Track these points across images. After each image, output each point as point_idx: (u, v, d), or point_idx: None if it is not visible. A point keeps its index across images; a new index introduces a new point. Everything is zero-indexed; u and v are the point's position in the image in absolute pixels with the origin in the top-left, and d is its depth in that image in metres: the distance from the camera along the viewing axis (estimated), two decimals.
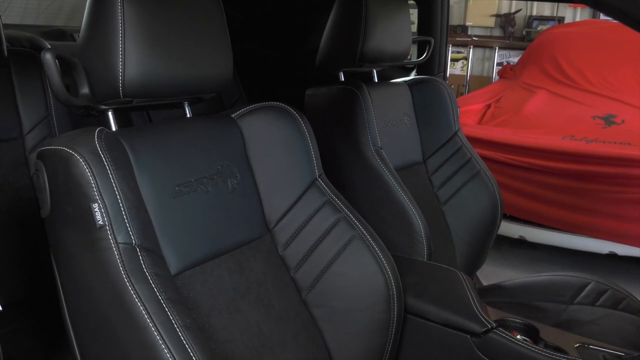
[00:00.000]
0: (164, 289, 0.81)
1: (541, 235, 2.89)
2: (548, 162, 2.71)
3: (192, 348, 0.77)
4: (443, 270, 1.38)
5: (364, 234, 1.12)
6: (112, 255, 0.79)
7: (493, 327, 1.15)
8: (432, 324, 1.21)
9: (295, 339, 1.06)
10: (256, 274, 1.05)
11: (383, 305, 1.10)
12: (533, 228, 2.91)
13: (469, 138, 1.83)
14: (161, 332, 0.76)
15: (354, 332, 1.10)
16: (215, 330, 0.94)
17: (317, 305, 1.11)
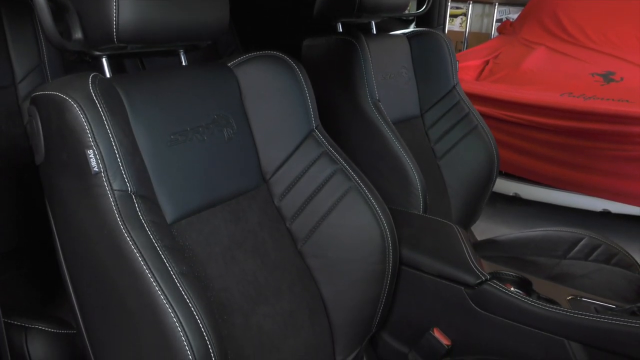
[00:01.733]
0: (160, 236, 0.81)
1: (536, 192, 2.90)
2: (545, 119, 2.70)
3: (188, 294, 0.78)
4: (438, 223, 1.38)
5: (360, 185, 1.11)
6: (108, 202, 0.79)
7: (487, 279, 1.16)
8: (426, 276, 1.22)
9: (291, 288, 1.07)
10: (252, 224, 1.05)
11: (378, 256, 1.11)
12: (528, 185, 2.91)
13: (467, 94, 1.81)
14: (157, 279, 0.76)
15: (349, 282, 1.11)
16: (211, 279, 0.94)
17: (312, 256, 1.12)
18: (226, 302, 0.95)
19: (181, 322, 0.75)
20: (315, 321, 1.10)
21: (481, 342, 1.18)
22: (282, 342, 1.02)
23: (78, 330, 0.89)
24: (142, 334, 0.79)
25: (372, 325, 1.16)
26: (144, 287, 0.76)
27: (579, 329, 1.07)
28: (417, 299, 1.25)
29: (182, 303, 0.77)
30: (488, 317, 1.15)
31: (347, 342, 1.14)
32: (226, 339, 0.91)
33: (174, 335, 0.75)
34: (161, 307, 0.76)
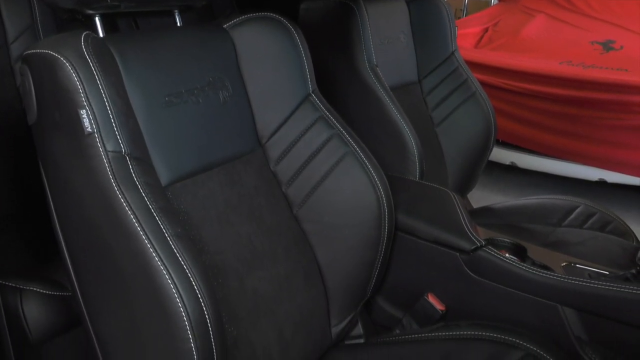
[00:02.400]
0: (154, 198, 0.80)
1: (533, 161, 2.90)
2: (544, 87, 2.68)
3: (183, 256, 0.77)
4: (435, 189, 1.38)
5: (356, 151, 1.11)
6: (101, 163, 0.78)
7: (482, 245, 1.16)
8: (422, 242, 1.22)
9: (286, 252, 1.07)
10: (247, 188, 1.05)
11: (374, 221, 1.10)
12: (525, 154, 2.91)
13: (465, 62, 1.79)
14: (151, 240, 0.76)
15: (344, 247, 1.11)
16: (206, 242, 0.94)
17: (308, 221, 1.12)
18: (221, 265, 0.95)
19: (175, 283, 0.75)
20: (311, 285, 1.10)
21: (475, 307, 1.19)
22: (277, 306, 1.02)
23: (73, 292, 0.89)
24: (137, 296, 0.79)
25: (367, 290, 1.17)
26: (137, 248, 0.76)
27: (572, 295, 1.07)
28: (412, 264, 1.26)
29: (176, 265, 0.76)
30: (482, 283, 1.16)
31: (342, 306, 1.15)
32: (221, 301, 0.91)
33: (168, 297, 0.75)
34: (155, 268, 0.75)
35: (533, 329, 1.11)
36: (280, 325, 1.02)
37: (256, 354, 0.97)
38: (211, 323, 0.78)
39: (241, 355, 0.94)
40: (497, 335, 1.08)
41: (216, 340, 0.79)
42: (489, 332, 1.09)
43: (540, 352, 1.04)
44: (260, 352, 0.98)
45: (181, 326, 0.75)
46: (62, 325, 1.09)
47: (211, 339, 0.78)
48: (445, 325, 1.16)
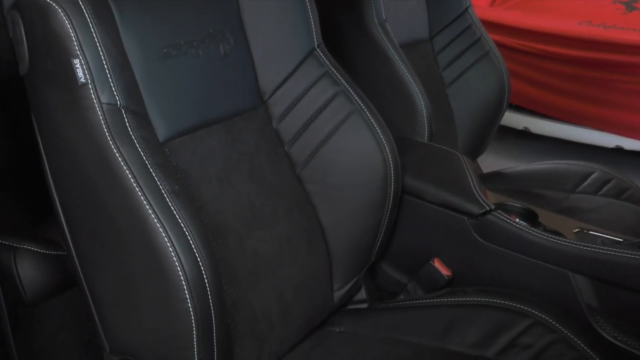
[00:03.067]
0: (150, 153, 0.79)
1: (547, 126, 2.88)
2: (561, 48, 2.64)
3: (180, 214, 0.77)
4: (443, 151, 1.37)
5: (363, 109, 1.10)
6: (96, 116, 0.77)
7: (491, 209, 1.16)
8: (428, 205, 1.22)
9: (288, 213, 1.07)
10: (249, 146, 1.04)
11: (380, 183, 1.10)
12: (539, 119, 2.89)
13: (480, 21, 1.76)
14: (148, 197, 0.76)
15: (349, 209, 1.11)
16: (204, 201, 0.94)
17: (311, 181, 1.11)
18: (220, 225, 0.95)
19: (172, 242, 0.75)
20: (313, 248, 1.10)
21: (482, 273, 1.19)
22: (277, 268, 1.03)
23: (67, 251, 0.89)
24: (132, 254, 0.79)
25: (371, 254, 1.17)
26: (133, 205, 0.76)
27: (584, 262, 1.07)
28: (418, 228, 1.26)
29: (173, 222, 0.76)
30: (491, 248, 1.16)
31: (345, 270, 1.15)
32: (220, 262, 0.92)
33: (165, 256, 0.75)
34: (152, 226, 0.75)
35: (542, 296, 1.12)
36: (280, 288, 1.03)
37: (256, 316, 0.97)
38: (209, 283, 0.78)
39: (240, 317, 0.95)
40: (504, 302, 1.09)
41: (214, 301, 0.80)
42: (496, 298, 1.10)
43: (550, 320, 1.05)
44: (260, 315, 0.98)
45: (178, 286, 0.76)
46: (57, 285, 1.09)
47: (209, 299, 0.79)
48: (451, 291, 1.17)
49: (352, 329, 1.14)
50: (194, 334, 0.78)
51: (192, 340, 0.79)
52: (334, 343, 1.11)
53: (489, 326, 1.06)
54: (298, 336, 1.09)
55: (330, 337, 1.13)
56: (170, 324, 0.79)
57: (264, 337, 0.99)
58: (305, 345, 1.11)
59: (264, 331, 0.99)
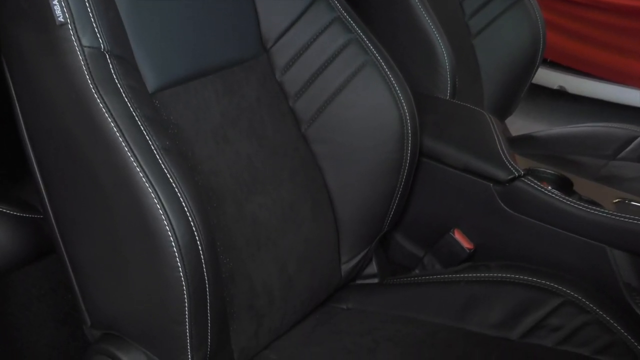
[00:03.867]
0: (138, 104, 0.79)
1: (586, 86, 2.86)
2: None
3: (172, 173, 0.77)
4: (468, 110, 1.37)
5: (378, 60, 1.09)
6: (77, 60, 0.77)
7: (520, 175, 1.16)
8: (450, 169, 1.22)
9: (292, 176, 1.07)
10: (249, 100, 1.04)
11: (395, 144, 1.10)
12: (576, 77, 2.87)
13: None
14: (135, 152, 0.76)
15: (360, 173, 1.11)
16: (199, 161, 0.94)
17: (318, 141, 1.12)
18: (216, 187, 0.95)
19: (163, 203, 0.75)
20: (319, 215, 1.11)
21: (508, 246, 1.19)
22: (279, 236, 1.03)
23: (44, 213, 0.90)
24: (118, 217, 0.79)
25: (383, 223, 1.18)
26: (119, 162, 0.76)
27: (624, 235, 1.07)
28: (437, 195, 1.26)
29: (164, 182, 0.76)
30: (518, 219, 1.16)
31: (355, 241, 1.16)
32: (215, 228, 0.92)
33: (155, 219, 0.76)
34: (139, 185, 0.76)
35: (575, 273, 1.12)
36: (282, 259, 1.03)
37: (254, 289, 0.98)
38: (203, 250, 0.79)
39: (237, 290, 0.96)
40: (532, 279, 1.09)
41: (209, 270, 0.80)
42: (522, 275, 1.10)
43: (583, 299, 1.06)
44: (259, 288, 0.99)
45: (169, 252, 0.76)
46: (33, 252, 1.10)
47: (203, 268, 0.79)
48: (472, 265, 1.17)
49: (360, 305, 1.16)
50: (186, 307, 0.79)
51: (184, 313, 0.80)
52: (341, 321, 1.12)
53: (514, 305, 1.07)
54: (301, 312, 1.10)
55: (337, 314, 1.14)
56: (160, 295, 0.80)
57: (263, 312, 1.00)
58: (308, 322, 1.12)
59: (263, 306, 1.00)
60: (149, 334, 0.86)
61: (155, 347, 0.86)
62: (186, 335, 0.81)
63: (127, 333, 0.88)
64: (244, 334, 0.98)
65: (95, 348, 0.90)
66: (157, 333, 0.85)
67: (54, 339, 1.20)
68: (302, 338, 1.09)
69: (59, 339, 1.21)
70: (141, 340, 0.87)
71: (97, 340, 0.91)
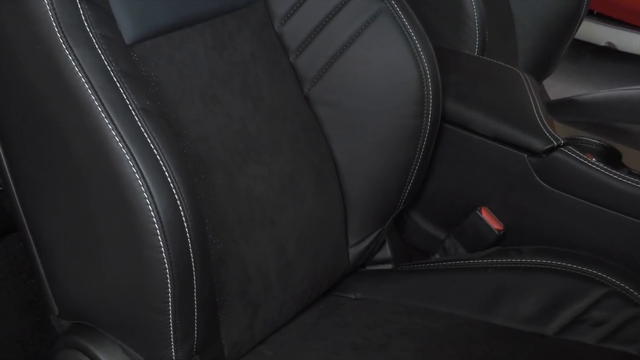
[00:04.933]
0: (114, 57, 0.79)
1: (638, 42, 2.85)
2: None
3: (153, 138, 0.77)
4: (499, 68, 1.37)
5: (394, 8, 1.09)
6: (41, 5, 0.76)
7: (560, 145, 1.16)
8: (477, 137, 1.23)
9: (292, 144, 1.08)
10: (242, 55, 1.04)
11: (413, 107, 1.10)
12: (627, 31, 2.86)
13: None
14: (110, 113, 0.76)
15: (371, 140, 1.12)
16: (184, 125, 0.94)
17: (323, 103, 1.12)
18: (204, 155, 0.96)
19: (142, 172, 0.76)
20: (323, 190, 1.11)
21: (545, 228, 1.20)
22: (277, 213, 1.04)
23: (5, 185, 0.90)
24: (90, 188, 0.80)
25: (399, 200, 1.18)
26: (92, 124, 0.76)
27: None
28: (461, 168, 1.27)
29: (143, 147, 0.77)
30: (557, 196, 1.17)
31: (365, 220, 1.17)
32: (203, 203, 0.93)
33: (133, 190, 0.76)
34: (115, 151, 0.76)
35: (622, 259, 1.13)
36: (280, 240, 1.04)
37: (248, 274, 0.99)
38: (189, 228, 0.79)
39: (228, 275, 0.96)
40: (572, 266, 1.10)
41: (195, 251, 0.81)
42: (560, 260, 1.11)
43: (630, 289, 1.06)
44: (254, 273, 1.00)
45: (149, 229, 0.77)
46: None
47: (189, 249, 0.80)
48: (501, 250, 1.18)
49: (371, 295, 1.17)
50: (169, 293, 0.80)
51: (167, 300, 0.80)
52: (348, 312, 1.13)
53: (550, 295, 1.08)
54: (302, 302, 1.11)
55: (343, 304, 1.16)
56: (139, 280, 0.81)
57: (259, 301, 1.01)
58: (310, 313, 1.13)
59: (259, 294, 1.01)
60: (126, 325, 0.87)
61: (133, 339, 0.87)
62: (169, 326, 0.82)
63: (101, 323, 0.89)
64: (236, 326, 0.99)
65: (63, 340, 0.91)
66: (136, 323, 0.85)
67: (16, 330, 1.22)
68: (302, 332, 1.10)
69: (21, 330, 1.22)
70: (117, 332, 0.88)
71: (66, 331, 0.92)
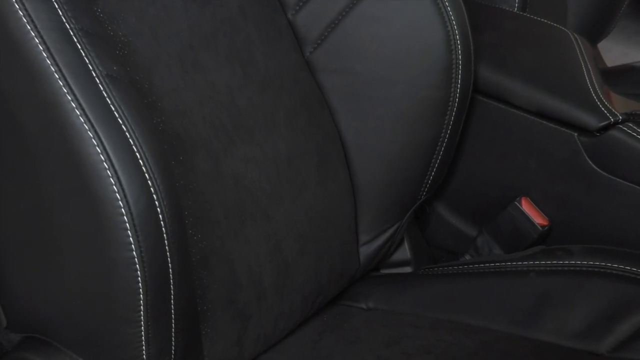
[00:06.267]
0: (73, 14, 0.80)
1: None
2: None
3: (120, 110, 0.77)
4: (544, 27, 1.37)
5: None
6: None
7: (618, 122, 1.16)
8: (516, 112, 1.23)
9: (290, 120, 1.08)
10: (229, 9, 1.05)
11: (439, 75, 1.11)
12: None
13: None
14: (68, 81, 0.76)
15: (387, 116, 1.12)
16: (159, 95, 0.94)
17: (329, 70, 1.13)
18: (184, 133, 0.96)
19: (108, 153, 0.76)
20: (328, 176, 1.12)
21: (598, 222, 1.20)
22: (272, 204, 1.04)
23: None
24: (45, 171, 0.80)
25: (420, 189, 1.19)
26: (46, 93, 0.76)
27: None
28: (497, 149, 1.27)
29: (109, 122, 0.76)
30: (613, 183, 1.17)
31: (379, 213, 1.17)
32: (182, 191, 0.93)
33: (96, 175, 0.76)
34: (75, 127, 0.76)
35: None
36: (276, 237, 1.04)
37: (236, 278, 0.99)
38: (165, 222, 0.80)
39: (213, 278, 0.96)
40: (631, 269, 1.10)
41: (173, 250, 0.81)
42: (618, 263, 1.11)
43: None
44: (243, 277, 1.00)
45: (117, 223, 0.77)
46: None
47: (165, 247, 0.80)
48: (546, 250, 1.18)
49: (387, 304, 1.17)
50: (141, 300, 0.80)
51: (138, 309, 0.80)
52: (359, 325, 1.14)
53: (605, 305, 1.08)
54: (302, 313, 1.11)
55: (353, 316, 1.16)
56: (104, 284, 0.81)
57: (250, 312, 1.02)
58: (313, 327, 1.14)
59: (250, 303, 1.01)
60: (88, 338, 0.87)
61: (97, 355, 0.87)
62: (140, 339, 0.82)
63: (58, 337, 0.89)
64: (222, 341, 0.99)
65: (12, 357, 0.92)
66: (100, 337, 0.86)
67: None
68: (303, 350, 1.11)
69: None
70: (77, 347, 0.88)
71: (16, 346, 0.93)
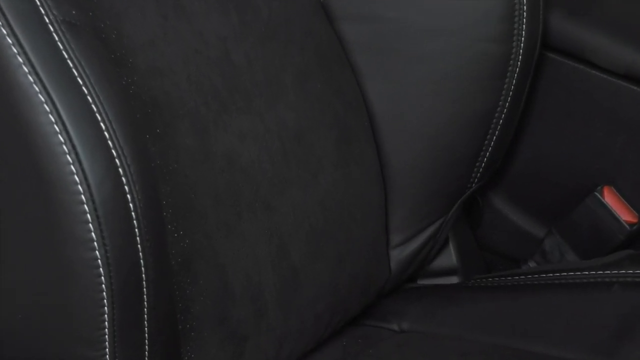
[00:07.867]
0: None
1: None
2: None
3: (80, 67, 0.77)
4: None
5: None
6: None
7: None
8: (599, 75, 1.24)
9: (301, 82, 1.08)
10: None
11: (497, 24, 1.11)
12: None
13: None
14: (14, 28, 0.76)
15: (429, 78, 1.13)
16: (131, 48, 0.95)
17: (352, 18, 1.13)
18: (162, 98, 0.96)
19: (64, 122, 0.76)
20: (351, 157, 1.12)
21: None
22: (276, 193, 1.04)
23: None
24: None
25: (471, 175, 1.19)
26: None
27: None
28: (572, 123, 1.27)
29: (66, 83, 0.77)
30: None
31: (416, 206, 1.18)
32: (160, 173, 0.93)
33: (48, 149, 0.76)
34: (22, 88, 0.76)
35: None
36: (281, 236, 1.04)
37: (229, 288, 0.99)
38: (138, 213, 0.80)
39: (199, 288, 0.96)
40: None
41: (147, 250, 0.81)
42: None
43: None
44: (238, 288, 1.00)
45: (74, 213, 0.77)
46: None
47: (137, 244, 0.80)
48: (635, 255, 1.18)
49: (426, 325, 1.17)
50: (105, 315, 0.80)
51: (102, 326, 0.81)
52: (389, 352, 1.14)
53: None
54: (315, 336, 1.11)
55: (382, 340, 1.16)
56: (60, 294, 0.81)
57: (246, 333, 1.02)
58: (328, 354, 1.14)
59: (246, 321, 1.01)
60: None
61: None
62: None
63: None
64: None
65: None
66: None
67: None
68: None
69: None
70: None
71: None
